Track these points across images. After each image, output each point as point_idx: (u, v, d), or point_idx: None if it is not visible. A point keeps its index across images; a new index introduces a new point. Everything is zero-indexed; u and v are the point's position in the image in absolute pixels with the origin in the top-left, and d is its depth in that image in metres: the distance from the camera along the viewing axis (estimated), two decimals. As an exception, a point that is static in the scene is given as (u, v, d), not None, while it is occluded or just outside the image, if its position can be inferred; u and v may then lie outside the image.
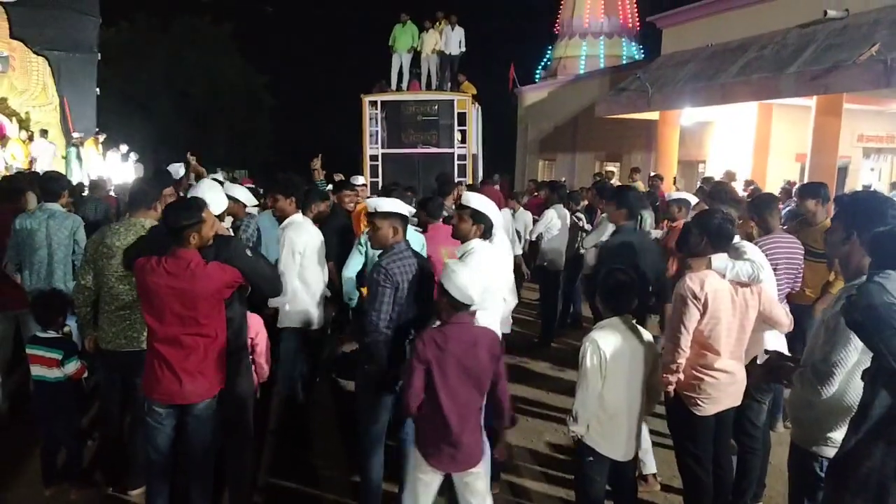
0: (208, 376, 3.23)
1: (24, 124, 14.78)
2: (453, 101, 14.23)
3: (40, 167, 12.21)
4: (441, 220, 4.91)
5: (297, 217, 4.85)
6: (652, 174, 11.11)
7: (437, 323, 3.06)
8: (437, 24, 14.49)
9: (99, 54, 16.50)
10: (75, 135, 14.96)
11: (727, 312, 3.28)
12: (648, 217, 9.32)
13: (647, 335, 3.21)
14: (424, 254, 4.21)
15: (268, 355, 3.96)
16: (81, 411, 4.36)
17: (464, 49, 14.49)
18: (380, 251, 3.52)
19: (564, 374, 6.33)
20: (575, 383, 3.20)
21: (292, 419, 4.89)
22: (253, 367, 3.74)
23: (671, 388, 3.37)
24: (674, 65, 13.96)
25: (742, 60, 12.10)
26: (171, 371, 3.14)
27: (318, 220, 5.17)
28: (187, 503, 3.35)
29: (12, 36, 14.86)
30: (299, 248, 4.63)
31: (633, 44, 21.81)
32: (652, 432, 4.29)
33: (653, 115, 14.28)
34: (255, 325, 3.88)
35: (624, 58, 21.10)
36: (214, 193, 3.67)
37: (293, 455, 4.58)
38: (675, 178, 9.71)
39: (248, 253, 3.38)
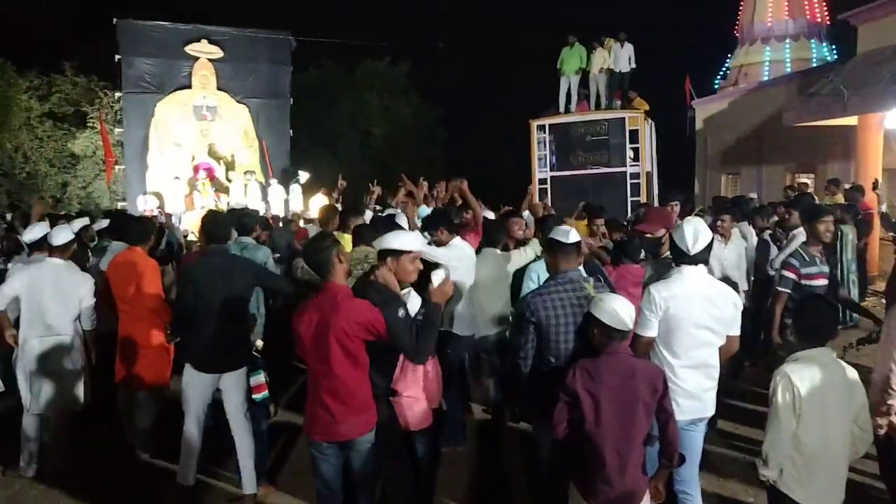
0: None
1: (229, 166, 16.60)
2: (624, 118, 13.87)
3: (250, 204, 13.54)
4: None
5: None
6: (849, 185, 9.99)
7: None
8: (605, 43, 14.26)
9: (291, 100, 18.11)
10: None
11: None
12: (850, 233, 8.42)
13: (851, 371, 2.82)
14: None
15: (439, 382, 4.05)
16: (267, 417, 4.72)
17: (634, 66, 14.10)
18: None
19: (756, 407, 5.81)
20: (765, 417, 2.91)
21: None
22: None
23: (882, 431, 2.96)
24: (873, 63, 12.50)
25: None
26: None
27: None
28: None
29: (219, 88, 16.79)
30: None
31: (824, 45, 19.91)
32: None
33: (850, 121, 12.86)
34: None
35: (814, 60, 19.32)
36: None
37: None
38: (875, 182, 8.55)
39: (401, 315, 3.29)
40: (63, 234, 4.82)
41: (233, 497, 4.49)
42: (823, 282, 4.72)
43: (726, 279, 5.87)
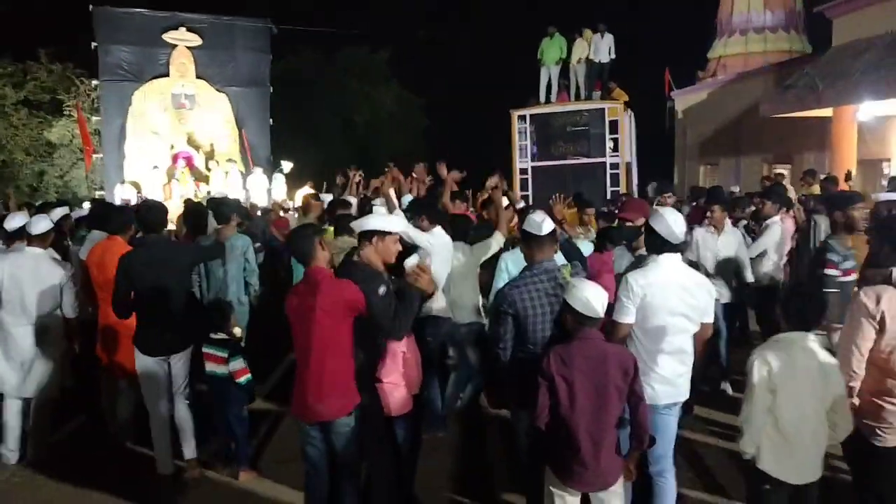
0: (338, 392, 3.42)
1: (208, 155, 16.46)
2: (604, 109, 13.97)
3: (231, 193, 13.37)
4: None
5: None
6: (824, 176, 10.17)
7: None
8: (584, 34, 14.32)
9: (271, 88, 17.98)
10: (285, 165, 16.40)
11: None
12: (823, 223, 8.57)
13: (829, 357, 2.89)
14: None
15: (418, 368, 4.11)
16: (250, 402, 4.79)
17: (614, 56, 14.17)
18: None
19: (730, 392, 6.00)
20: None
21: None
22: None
23: None
24: (847, 56, 12.69)
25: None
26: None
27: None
28: None
29: (198, 76, 16.62)
30: None
31: (802, 37, 20.15)
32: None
33: (826, 113, 13.07)
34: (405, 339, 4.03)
35: (791, 53, 19.55)
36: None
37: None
38: (847, 172, 8.70)
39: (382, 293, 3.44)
40: (42, 224, 4.81)
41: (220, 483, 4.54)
42: (855, 276, 4.54)
43: (721, 270, 5.97)
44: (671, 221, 3.36)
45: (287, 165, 16.72)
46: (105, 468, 4.81)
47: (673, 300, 3.33)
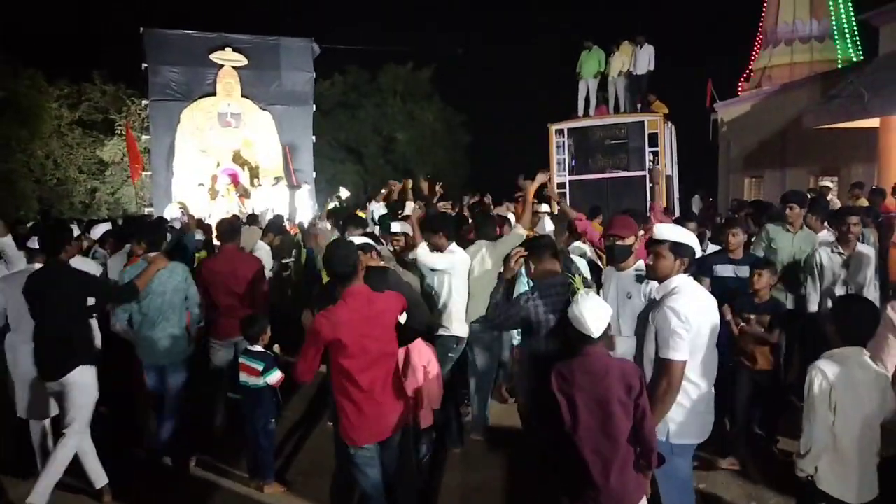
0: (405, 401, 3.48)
1: (253, 172, 16.83)
2: (643, 122, 13.78)
3: (276, 209, 13.62)
4: None
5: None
6: (872, 188, 9.85)
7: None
8: (622, 46, 14.22)
9: (314, 106, 18.31)
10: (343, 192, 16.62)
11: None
12: (871, 235, 8.33)
13: (883, 371, 2.86)
14: None
15: (440, 382, 4.12)
16: (277, 416, 4.81)
17: (653, 67, 13.99)
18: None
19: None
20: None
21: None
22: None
23: None
24: (894, 64, 12.31)
25: None
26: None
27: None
28: None
29: (243, 95, 17.05)
30: None
31: (850, 46, 19.60)
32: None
33: (873, 123, 12.66)
34: (427, 353, 4.05)
35: (839, 62, 19.03)
36: None
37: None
38: (894, 186, 8.46)
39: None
40: None
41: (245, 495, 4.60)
42: None
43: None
44: (692, 237, 3.19)
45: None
46: (138, 479, 4.89)
47: (711, 322, 3.11)
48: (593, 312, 2.79)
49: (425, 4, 32.82)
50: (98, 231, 7.17)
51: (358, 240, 4.32)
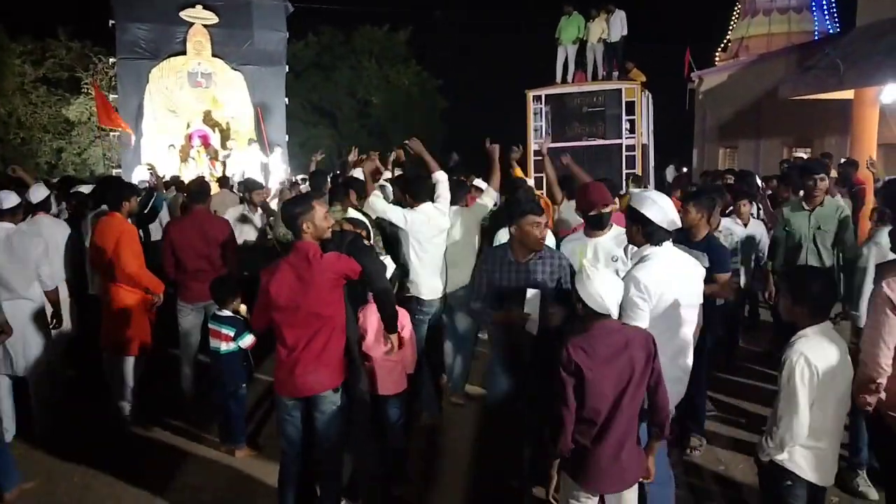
0: (331, 366, 3.38)
1: (225, 134, 16.47)
2: (620, 90, 13.71)
3: (248, 172, 13.33)
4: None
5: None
6: (843, 160, 9.94)
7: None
8: (593, 15, 14.10)
9: (287, 67, 17.91)
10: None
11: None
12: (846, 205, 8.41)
13: (843, 342, 2.71)
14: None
15: (413, 346, 4.09)
16: (249, 381, 4.80)
17: (625, 33, 13.90)
18: None
19: (749, 381, 5.84)
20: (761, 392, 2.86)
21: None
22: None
23: (870, 409, 2.93)
24: (871, 37, 12.33)
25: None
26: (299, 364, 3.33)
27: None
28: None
29: (214, 54, 16.59)
30: None
31: (826, 17, 19.64)
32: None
33: (847, 95, 12.73)
34: (401, 318, 4.00)
35: (816, 34, 19.09)
36: None
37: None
38: (868, 160, 8.53)
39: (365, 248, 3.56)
40: (10, 199, 4.77)
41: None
42: None
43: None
44: (665, 206, 3.09)
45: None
46: (107, 443, 4.85)
47: (682, 293, 3.09)
48: (609, 290, 2.68)
49: (403, -35, 32.07)
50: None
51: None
